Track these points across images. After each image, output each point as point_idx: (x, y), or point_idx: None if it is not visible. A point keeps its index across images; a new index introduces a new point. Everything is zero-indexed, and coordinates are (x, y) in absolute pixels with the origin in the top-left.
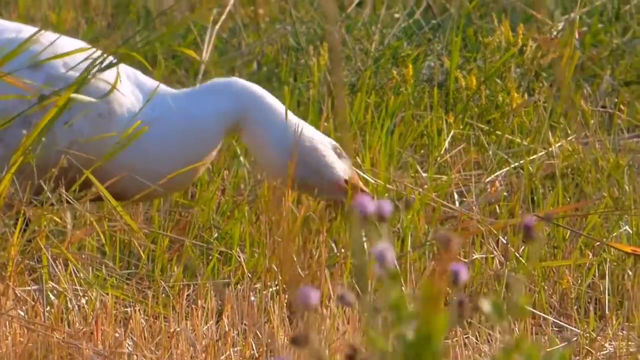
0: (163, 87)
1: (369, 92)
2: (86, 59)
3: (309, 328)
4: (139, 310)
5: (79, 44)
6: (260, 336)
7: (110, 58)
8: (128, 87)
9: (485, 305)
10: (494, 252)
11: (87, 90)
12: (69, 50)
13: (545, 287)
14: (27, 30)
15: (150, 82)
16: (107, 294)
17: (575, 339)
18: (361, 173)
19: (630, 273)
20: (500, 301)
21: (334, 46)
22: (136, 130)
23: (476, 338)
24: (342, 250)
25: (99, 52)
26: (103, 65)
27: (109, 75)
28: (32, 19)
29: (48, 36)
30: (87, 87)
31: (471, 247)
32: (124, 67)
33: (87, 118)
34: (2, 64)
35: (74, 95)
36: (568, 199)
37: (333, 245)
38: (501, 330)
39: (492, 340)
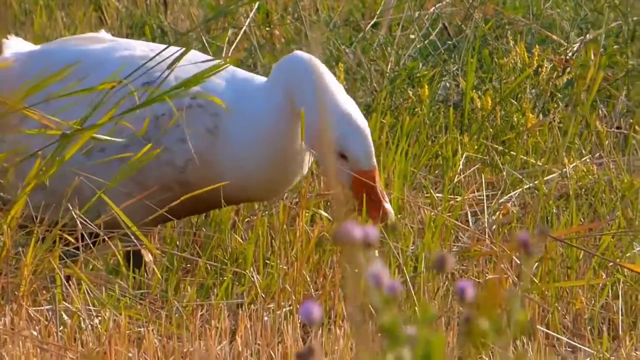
0: (256, 82)
1: (384, 112)
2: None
3: (317, 344)
4: (152, 330)
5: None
6: (274, 356)
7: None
8: (228, 89)
9: (483, 322)
10: (507, 272)
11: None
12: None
13: (559, 308)
14: (139, 46)
15: (246, 80)
16: (121, 314)
17: (588, 359)
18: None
19: None
20: (498, 318)
21: (350, 67)
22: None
23: (490, 358)
24: (356, 270)
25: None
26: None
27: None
28: (47, 39)
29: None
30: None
31: (484, 268)
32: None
33: (197, 135)
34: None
35: (96, 135)
36: (581, 220)
37: (346, 265)
38: (500, 348)
39: None
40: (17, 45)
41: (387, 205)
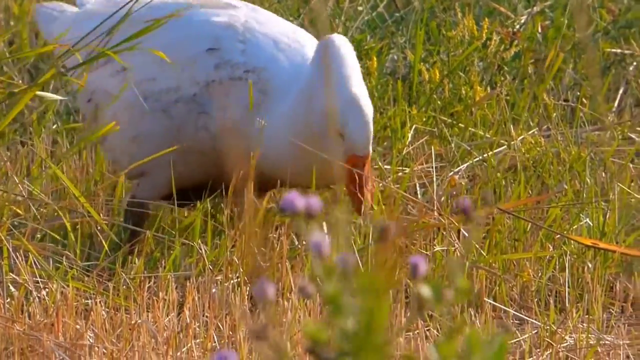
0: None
1: None
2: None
3: (269, 320)
4: (100, 302)
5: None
6: (221, 328)
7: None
8: (284, 58)
9: (425, 290)
10: (455, 244)
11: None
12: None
13: (506, 280)
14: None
15: (309, 46)
16: (68, 285)
17: (535, 331)
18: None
19: (590, 266)
20: (439, 285)
21: None
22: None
23: (437, 330)
24: (304, 243)
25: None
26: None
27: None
28: None
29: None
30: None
31: (432, 240)
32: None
33: (238, 107)
34: None
35: (40, 93)
36: (530, 192)
37: (294, 237)
38: (442, 314)
39: None
40: None
41: (367, 196)
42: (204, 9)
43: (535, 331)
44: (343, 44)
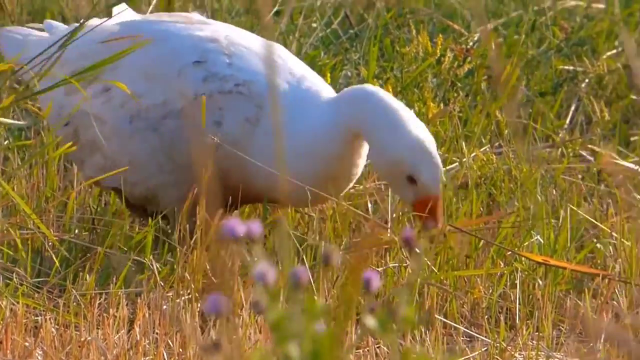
0: (320, 100)
1: None
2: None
3: (221, 336)
4: (49, 319)
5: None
6: (172, 345)
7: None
8: (284, 85)
9: (369, 320)
10: (407, 261)
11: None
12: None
13: (457, 297)
14: (217, 28)
15: (310, 92)
16: (18, 302)
17: (485, 348)
18: None
19: (540, 283)
20: (384, 315)
21: None
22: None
23: (387, 348)
24: (256, 259)
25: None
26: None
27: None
28: None
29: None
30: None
31: (384, 256)
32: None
33: (235, 121)
34: None
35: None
36: (481, 209)
37: (246, 254)
38: (389, 345)
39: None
40: (124, 14)
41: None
42: (184, 25)
43: (485, 348)
44: (379, 92)
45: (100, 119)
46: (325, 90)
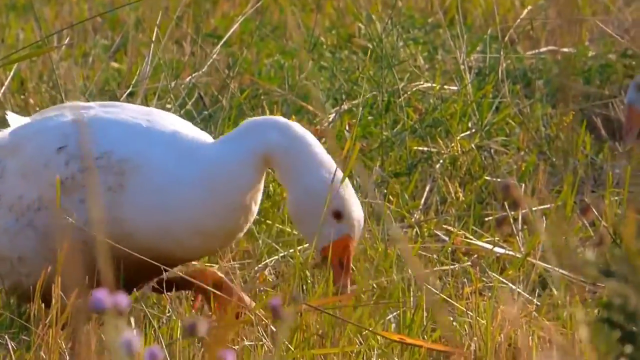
0: (200, 140)
1: None
2: None
3: None
4: None
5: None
6: None
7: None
8: (158, 149)
9: None
10: (263, 339)
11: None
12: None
13: None
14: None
15: (190, 138)
16: None
17: None
18: None
19: None
20: None
21: None
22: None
23: None
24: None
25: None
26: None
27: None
28: None
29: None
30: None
31: (242, 334)
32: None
33: (101, 191)
34: None
35: None
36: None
37: (101, 333)
38: None
39: None
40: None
41: (348, 280)
42: (60, 113)
43: None
44: (295, 124)
45: None
46: (201, 137)
